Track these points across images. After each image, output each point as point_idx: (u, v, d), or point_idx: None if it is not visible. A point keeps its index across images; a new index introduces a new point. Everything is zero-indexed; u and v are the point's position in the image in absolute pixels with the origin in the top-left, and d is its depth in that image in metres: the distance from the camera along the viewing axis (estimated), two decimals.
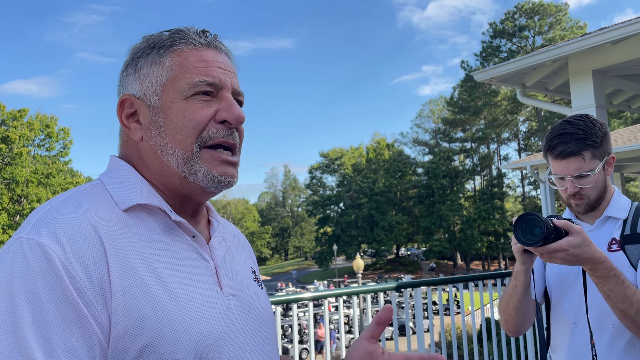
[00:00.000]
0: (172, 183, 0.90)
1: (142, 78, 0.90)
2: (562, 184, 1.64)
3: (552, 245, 1.38)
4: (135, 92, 0.91)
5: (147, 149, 0.90)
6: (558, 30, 48.59)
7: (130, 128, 0.91)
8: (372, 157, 64.28)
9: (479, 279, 4.59)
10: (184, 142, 0.87)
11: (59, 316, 0.70)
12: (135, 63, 0.92)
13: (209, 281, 0.87)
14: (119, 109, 0.92)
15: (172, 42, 0.91)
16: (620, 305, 1.44)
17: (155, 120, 0.89)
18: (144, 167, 0.91)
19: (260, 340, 0.93)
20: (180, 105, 0.88)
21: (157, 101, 0.89)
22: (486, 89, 50.59)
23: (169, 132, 0.87)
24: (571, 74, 5.24)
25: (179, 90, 0.88)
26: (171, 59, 0.90)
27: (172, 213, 0.87)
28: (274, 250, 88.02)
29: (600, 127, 1.60)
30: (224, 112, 0.90)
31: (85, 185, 0.87)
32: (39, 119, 34.18)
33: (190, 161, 0.88)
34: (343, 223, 62.02)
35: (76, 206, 0.80)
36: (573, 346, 1.63)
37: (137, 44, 0.94)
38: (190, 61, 0.90)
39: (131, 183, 0.88)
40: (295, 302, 3.55)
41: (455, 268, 56.61)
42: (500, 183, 54.67)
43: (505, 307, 1.68)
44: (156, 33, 0.94)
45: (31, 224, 0.76)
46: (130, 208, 0.84)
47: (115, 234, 0.79)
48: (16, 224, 31.50)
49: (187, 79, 0.88)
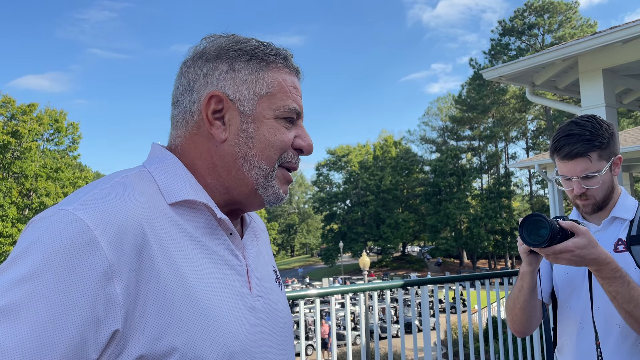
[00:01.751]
0: (238, 190, 0.91)
1: (238, 81, 0.89)
2: (568, 185, 1.64)
3: (557, 246, 1.38)
4: (228, 92, 0.89)
5: (228, 153, 0.89)
6: (568, 28, 48.22)
7: (214, 125, 0.89)
8: (379, 155, 64.14)
9: (486, 278, 4.59)
10: (269, 158, 0.90)
11: (82, 298, 0.69)
12: (230, 63, 0.90)
13: (240, 281, 0.89)
14: (206, 102, 0.89)
15: (274, 59, 0.92)
16: (626, 306, 1.44)
17: (245, 129, 0.89)
18: (211, 166, 0.90)
19: (283, 341, 0.95)
20: (272, 123, 0.90)
21: (251, 110, 0.89)
22: (495, 87, 50.33)
23: (258, 145, 0.89)
24: (581, 73, 5.21)
25: (273, 109, 0.90)
26: (272, 75, 0.91)
27: (217, 210, 0.88)
28: (280, 246, 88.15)
29: (607, 128, 1.60)
30: (302, 141, 0.94)
31: (134, 171, 0.86)
32: (48, 113, 34.36)
33: (268, 176, 0.91)
34: (349, 220, 61.99)
35: (126, 193, 0.79)
36: (579, 347, 1.63)
37: (224, 42, 0.92)
38: (287, 84, 0.92)
39: (180, 176, 0.87)
40: (302, 299, 3.56)
41: (462, 266, 56.45)
42: (508, 182, 54.43)
43: (512, 307, 1.68)
44: (244, 37, 0.94)
45: (80, 200, 0.75)
46: (177, 202, 0.84)
47: (159, 227, 0.79)
48: (25, 218, 31.72)
49: (283, 101, 0.91)
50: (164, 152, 0.92)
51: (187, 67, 0.93)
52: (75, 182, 34.21)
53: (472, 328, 6.36)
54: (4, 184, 31.07)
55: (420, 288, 4.26)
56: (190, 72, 0.92)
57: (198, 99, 0.90)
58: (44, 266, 0.69)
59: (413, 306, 4.07)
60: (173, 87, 0.96)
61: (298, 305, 3.48)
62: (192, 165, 0.90)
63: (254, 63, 0.90)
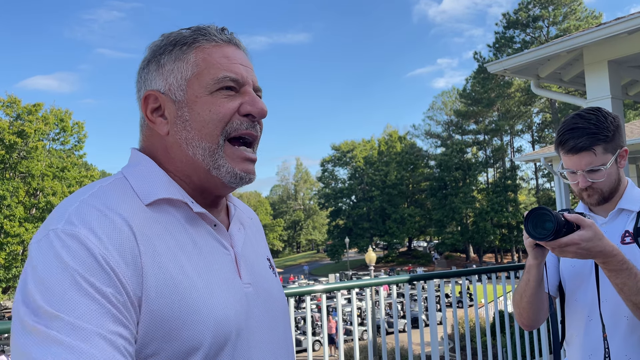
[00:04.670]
0: (195, 175, 0.92)
1: (165, 74, 0.92)
2: (573, 178, 1.64)
3: (563, 240, 1.38)
4: (160, 88, 0.93)
5: (172, 143, 0.92)
6: (573, 20, 47.87)
7: (156, 122, 0.93)
8: (384, 150, 64.04)
9: (492, 272, 4.58)
10: (210, 135, 0.90)
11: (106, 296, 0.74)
12: (157, 60, 0.94)
13: (229, 269, 0.91)
14: (144, 104, 0.93)
15: (194, 39, 0.93)
16: (633, 298, 1.44)
17: (180, 115, 0.91)
18: (169, 160, 0.93)
19: (276, 326, 0.97)
20: (206, 99, 0.91)
21: (182, 96, 0.91)
22: (499, 81, 50.09)
23: (195, 125, 0.90)
24: (586, 64, 5.17)
25: (203, 86, 0.91)
26: (195, 55, 0.92)
27: (194, 205, 0.90)
28: (286, 243, 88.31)
29: (612, 120, 1.59)
30: (248, 106, 0.93)
31: (109, 180, 0.90)
32: (54, 113, 34.48)
33: (215, 154, 0.91)
34: (355, 216, 61.97)
35: (105, 200, 0.83)
36: (587, 339, 1.63)
37: (157, 42, 0.96)
38: (214, 57, 0.92)
39: (153, 177, 0.90)
40: (308, 294, 3.57)
41: (468, 261, 56.37)
42: (514, 175, 54.24)
43: (519, 301, 1.68)
44: (175, 31, 0.96)
45: (65, 218, 0.79)
46: (153, 202, 0.87)
47: (143, 225, 0.82)
48: (32, 217, 31.92)
49: (211, 75, 0.91)
50: (139, 155, 0.95)
51: (136, 81, 0.98)
52: (82, 181, 34.34)
53: (479, 322, 6.36)
54: (11, 184, 31.24)
55: (426, 283, 4.26)
56: (137, 84, 0.97)
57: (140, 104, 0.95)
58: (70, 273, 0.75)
59: (419, 301, 4.07)
60: None
61: (305, 301, 3.49)
62: (163, 163, 0.94)
63: (176, 51, 0.93)
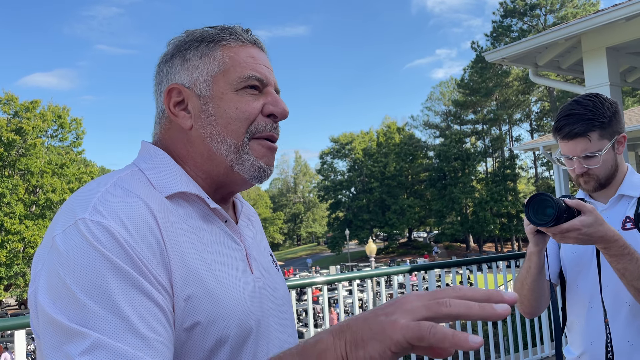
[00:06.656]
0: (215, 171, 0.93)
1: (191, 69, 0.93)
2: (570, 164, 1.64)
3: (564, 225, 1.38)
4: (184, 82, 0.93)
5: (196, 137, 0.92)
6: (570, 7, 47.65)
7: (178, 116, 0.93)
8: (383, 141, 63.96)
9: (492, 261, 4.60)
10: (235, 132, 0.91)
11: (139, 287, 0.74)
12: (182, 55, 0.95)
13: (242, 264, 0.92)
14: (167, 97, 0.94)
15: (222, 37, 0.95)
16: (635, 283, 1.44)
17: (205, 109, 0.92)
18: (187, 154, 0.93)
19: (284, 318, 1.00)
20: (232, 96, 0.92)
21: (208, 91, 0.92)
22: (497, 70, 49.96)
23: (221, 121, 0.91)
24: (584, 52, 5.16)
25: (229, 83, 0.92)
26: (222, 52, 0.94)
27: (210, 200, 0.91)
28: (287, 235, 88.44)
29: (609, 106, 1.59)
30: (271, 106, 0.94)
31: (125, 171, 0.89)
32: (51, 109, 34.39)
33: (240, 150, 0.91)
34: (355, 208, 62.04)
35: (129, 189, 0.82)
36: (589, 325, 1.63)
37: (180, 38, 0.97)
38: (240, 56, 0.94)
39: (170, 171, 0.90)
40: (310, 286, 3.58)
41: (468, 250, 56.51)
42: (513, 164, 54.23)
43: (520, 288, 1.68)
44: (199, 29, 0.97)
45: (91, 206, 0.78)
46: (171, 196, 0.87)
47: (166, 217, 0.82)
48: (32, 214, 31.93)
49: (238, 73, 0.92)
50: (153, 148, 0.95)
51: (155, 75, 0.99)
52: (81, 178, 34.30)
53: None
54: (11, 181, 31.21)
55: (427, 273, 4.27)
56: (156, 77, 0.98)
57: (162, 97, 0.95)
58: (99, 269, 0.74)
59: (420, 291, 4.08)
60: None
61: (306, 292, 3.50)
62: (181, 157, 0.94)
63: (202, 47, 0.94)
